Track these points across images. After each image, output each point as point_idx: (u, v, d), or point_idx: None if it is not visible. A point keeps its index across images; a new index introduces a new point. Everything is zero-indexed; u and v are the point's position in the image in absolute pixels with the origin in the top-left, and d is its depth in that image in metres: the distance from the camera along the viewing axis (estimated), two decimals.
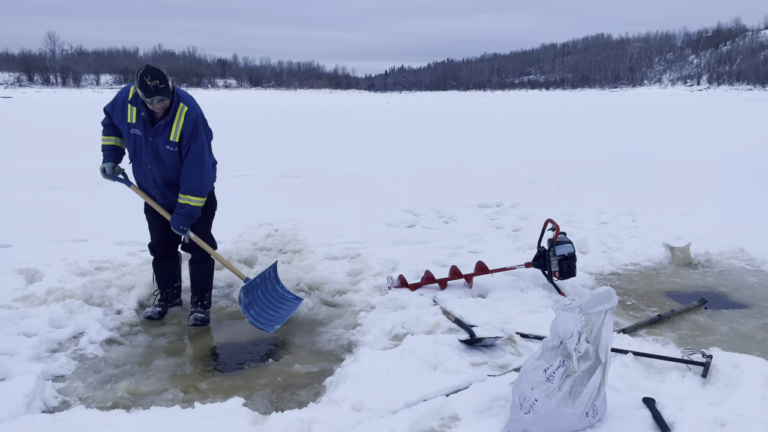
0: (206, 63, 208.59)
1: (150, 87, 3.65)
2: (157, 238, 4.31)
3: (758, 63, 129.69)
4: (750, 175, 10.13)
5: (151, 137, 3.92)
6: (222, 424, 2.76)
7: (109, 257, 5.48)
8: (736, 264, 5.52)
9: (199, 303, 4.33)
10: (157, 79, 3.66)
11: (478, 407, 2.97)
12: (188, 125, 3.90)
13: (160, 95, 3.69)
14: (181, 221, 3.98)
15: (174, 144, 3.92)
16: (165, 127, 3.89)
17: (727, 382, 3.22)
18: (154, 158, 3.96)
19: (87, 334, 3.85)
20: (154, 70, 3.68)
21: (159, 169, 4.00)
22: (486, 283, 4.75)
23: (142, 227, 6.39)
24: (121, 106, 3.96)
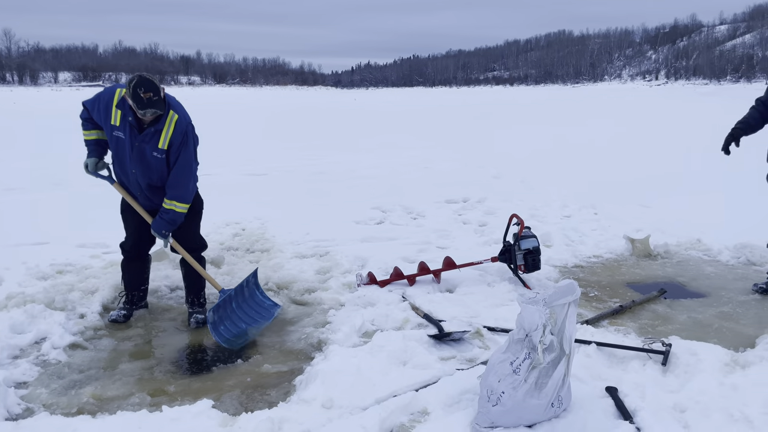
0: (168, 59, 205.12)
1: (144, 99, 3.61)
2: (132, 239, 4.25)
3: (713, 58, 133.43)
4: (704, 168, 10.43)
5: (138, 143, 3.87)
6: (191, 427, 2.74)
7: (71, 260, 5.36)
8: (693, 254, 5.70)
9: (196, 303, 4.32)
10: (150, 91, 3.62)
11: (447, 401, 3.01)
12: (178, 133, 3.87)
13: (153, 108, 3.66)
14: (164, 226, 3.96)
15: (162, 151, 3.89)
16: (154, 135, 3.86)
17: (686, 369, 3.34)
18: (139, 163, 3.93)
19: (50, 339, 3.77)
20: (147, 82, 3.63)
21: (144, 174, 3.97)
22: (454, 278, 4.81)
23: (104, 229, 6.32)
24: (104, 107, 3.89)
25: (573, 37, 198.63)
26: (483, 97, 67.76)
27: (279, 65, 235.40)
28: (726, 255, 5.61)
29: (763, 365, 3.32)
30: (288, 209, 7.54)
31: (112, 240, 5.93)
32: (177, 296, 4.75)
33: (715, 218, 6.65)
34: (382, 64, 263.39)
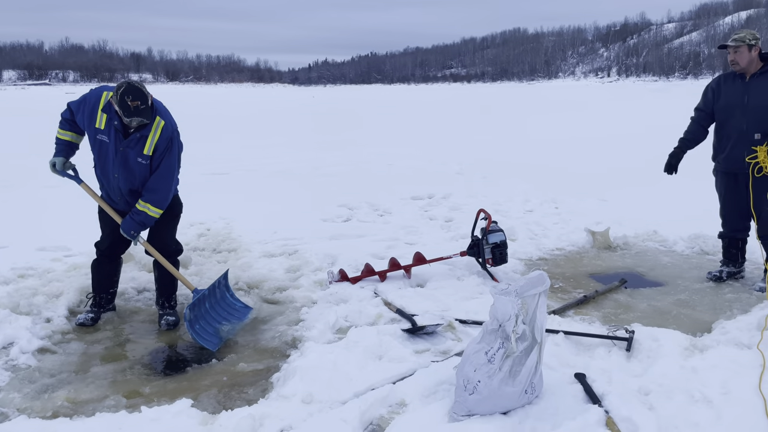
0: (118, 57, 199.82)
1: (131, 108, 3.58)
2: (109, 239, 4.19)
3: (662, 55, 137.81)
4: (655, 162, 10.81)
5: (122, 148, 3.83)
6: (172, 426, 2.74)
7: (32, 264, 5.22)
8: (650, 245, 5.93)
9: (167, 305, 4.28)
10: (138, 100, 3.59)
11: (424, 392, 3.08)
12: (163, 139, 3.86)
13: (140, 117, 3.63)
14: (134, 226, 3.92)
15: (147, 157, 3.87)
16: (139, 140, 3.82)
17: (648, 354, 3.49)
18: (122, 168, 3.89)
19: (17, 344, 3.68)
20: (135, 90, 3.60)
21: (126, 179, 3.93)
22: (424, 273, 4.90)
23: (65, 232, 6.18)
24: (90, 110, 3.83)
25: (528, 34, 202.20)
26: (441, 94, 68.36)
27: (234, 62, 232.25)
28: (681, 245, 5.86)
29: (719, 349, 3.50)
30: (253, 208, 7.50)
31: (73, 243, 5.83)
32: (145, 298, 4.70)
33: (669, 211, 6.93)
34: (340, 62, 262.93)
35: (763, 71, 4.54)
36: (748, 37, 4.51)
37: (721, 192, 4.89)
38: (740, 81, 4.61)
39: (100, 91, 3.88)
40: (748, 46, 4.50)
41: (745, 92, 4.55)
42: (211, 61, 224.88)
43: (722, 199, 4.89)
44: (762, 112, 4.46)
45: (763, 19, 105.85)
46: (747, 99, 4.53)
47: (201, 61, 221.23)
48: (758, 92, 4.51)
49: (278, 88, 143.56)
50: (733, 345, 3.57)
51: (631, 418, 2.83)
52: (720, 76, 4.86)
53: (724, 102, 4.65)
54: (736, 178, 4.68)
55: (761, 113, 4.46)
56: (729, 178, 4.75)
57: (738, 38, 4.54)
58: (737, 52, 4.53)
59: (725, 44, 4.61)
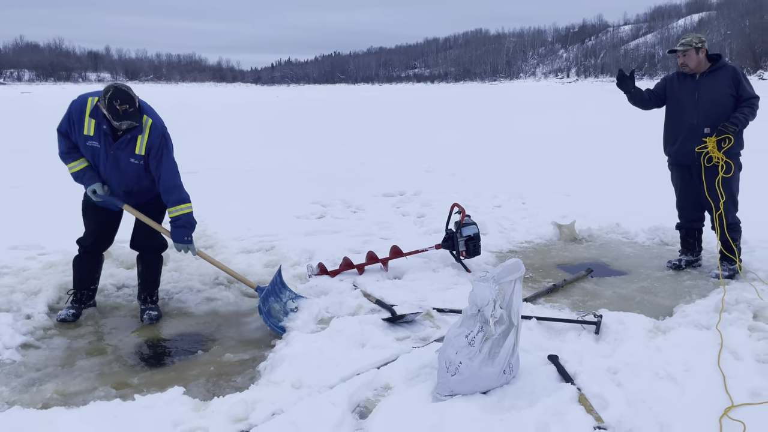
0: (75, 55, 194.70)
1: (119, 112, 3.64)
2: (93, 236, 4.22)
3: (619, 56, 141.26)
4: (614, 158, 11.22)
5: (113, 150, 3.88)
6: (165, 413, 2.81)
7: (6, 263, 5.19)
8: (614, 237, 6.21)
9: (149, 300, 4.33)
10: (126, 103, 3.66)
11: (407, 376, 3.23)
12: (155, 138, 3.93)
13: (129, 120, 3.69)
14: (184, 232, 4.03)
15: (140, 157, 3.93)
16: (130, 141, 3.89)
17: (615, 337, 3.71)
18: (115, 170, 3.95)
19: (0, 340, 3.69)
20: (123, 93, 3.66)
21: (120, 181, 4.00)
22: (400, 266, 5.05)
23: (36, 231, 6.13)
24: (77, 119, 3.87)
25: (489, 35, 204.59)
26: (408, 94, 68.74)
27: (195, 61, 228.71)
28: (642, 237, 6.16)
29: (680, 330, 3.75)
30: (225, 206, 7.52)
31: (47, 241, 5.79)
32: (125, 294, 4.73)
33: (631, 204, 7.24)
34: (303, 61, 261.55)
35: (711, 70, 4.86)
36: (694, 40, 4.82)
37: (676, 184, 5.19)
38: (691, 79, 4.92)
39: (84, 98, 3.91)
40: (695, 49, 4.81)
41: (696, 89, 4.86)
42: (171, 60, 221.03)
43: (677, 192, 5.20)
44: (711, 107, 4.77)
45: (714, 22, 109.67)
46: (698, 96, 4.84)
47: (161, 60, 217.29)
48: (708, 90, 4.82)
49: (241, 87, 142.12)
50: (693, 326, 3.82)
51: (601, 394, 3.02)
52: (676, 72, 5.15)
53: (677, 97, 4.96)
54: (689, 170, 4.98)
55: (711, 109, 4.77)
56: (683, 171, 5.05)
57: (685, 42, 4.84)
58: (686, 55, 4.84)
59: (674, 49, 4.90)
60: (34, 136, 15.61)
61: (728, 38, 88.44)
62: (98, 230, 4.18)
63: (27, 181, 9.47)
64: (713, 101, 4.80)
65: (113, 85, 3.73)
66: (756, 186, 8.06)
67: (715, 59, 4.89)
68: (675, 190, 5.22)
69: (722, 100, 4.80)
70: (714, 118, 4.76)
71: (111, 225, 4.24)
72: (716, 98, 4.80)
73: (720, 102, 4.80)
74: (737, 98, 4.80)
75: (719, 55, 4.93)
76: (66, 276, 4.59)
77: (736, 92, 4.80)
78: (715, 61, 4.89)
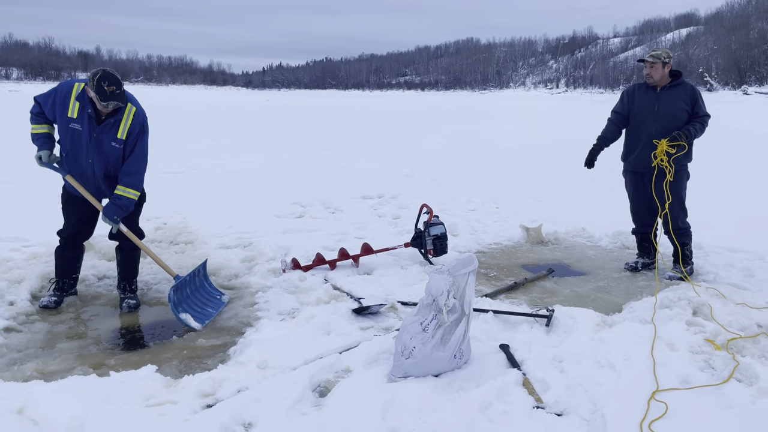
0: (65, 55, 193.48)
1: (107, 92, 3.88)
2: (72, 228, 4.42)
3: (608, 68, 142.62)
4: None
5: (97, 134, 4.12)
6: (138, 388, 3.03)
7: None
8: (578, 241, 6.50)
9: (128, 289, 4.53)
10: (114, 85, 3.91)
11: (366, 360, 3.47)
12: (136, 124, 4.19)
13: (115, 100, 3.94)
14: (117, 211, 4.18)
15: (121, 141, 4.17)
16: (113, 125, 4.13)
17: (565, 329, 3.97)
18: (97, 153, 4.17)
19: None
20: (111, 76, 3.92)
21: (101, 164, 4.21)
22: (371, 263, 5.29)
23: (19, 224, 6.32)
24: (62, 100, 4.09)
25: (480, 45, 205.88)
26: (398, 100, 69.09)
27: (186, 64, 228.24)
28: (605, 241, 6.45)
29: (625, 324, 4.02)
30: (208, 205, 7.74)
31: (31, 234, 5.98)
32: (105, 284, 4.93)
33: (597, 210, 7.55)
34: (294, 66, 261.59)
35: (672, 85, 5.17)
36: (663, 55, 5.13)
37: (629, 191, 5.49)
38: (652, 91, 5.22)
39: (71, 82, 4.16)
40: (662, 63, 5.11)
41: (656, 102, 5.16)
42: (162, 62, 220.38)
43: (630, 198, 5.50)
44: (669, 120, 5.08)
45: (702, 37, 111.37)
46: (657, 108, 5.15)
47: (152, 62, 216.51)
48: (667, 103, 5.13)
49: (231, 90, 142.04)
50: (638, 321, 4.10)
51: (544, 379, 3.29)
52: (635, 84, 5.46)
53: (638, 108, 5.26)
54: (642, 177, 5.28)
55: (668, 121, 5.07)
56: (636, 177, 5.35)
57: (655, 55, 5.14)
58: (653, 67, 5.14)
59: (643, 59, 5.20)
60: (20, 133, 15.70)
61: (714, 53, 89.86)
62: (78, 222, 4.39)
63: (13, 177, 9.63)
64: (671, 114, 5.11)
65: (101, 69, 3.97)
66: (715, 193, 8.45)
67: (675, 75, 5.20)
68: (628, 197, 5.52)
69: (679, 114, 5.12)
70: (670, 130, 5.07)
71: (90, 217, 4.43)
72: (674, 112, 5.12)
73: (676, 116, 5.12)
74: (691, 114, 5.14)
75: (680, 72, 5.25)
76: (48, 266, 4.79)
77: (692, 109, 5.14)
78: (675, 77, 5.20)
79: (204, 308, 4.33)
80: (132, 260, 4.51)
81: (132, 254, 4.53)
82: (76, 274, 4.59)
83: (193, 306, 4.28)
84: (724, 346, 3.62)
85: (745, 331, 3.82)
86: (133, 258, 4.55)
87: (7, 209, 7.31)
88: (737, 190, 9.01)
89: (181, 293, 4.25)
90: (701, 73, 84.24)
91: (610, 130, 5.47)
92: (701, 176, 6.32)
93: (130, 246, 4.48)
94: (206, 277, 4.66)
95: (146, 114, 4.31)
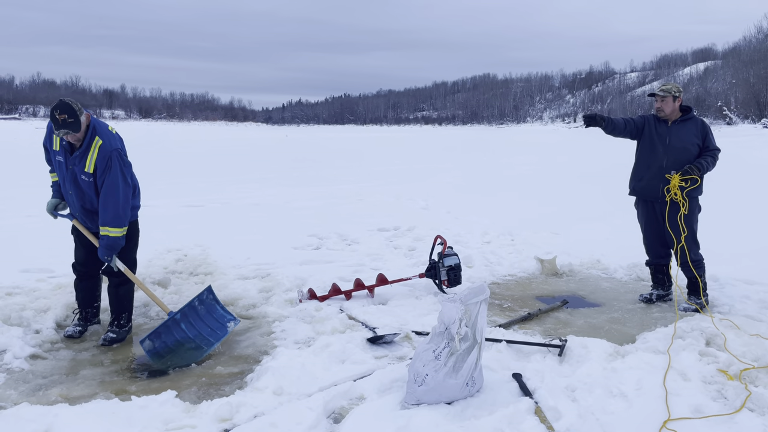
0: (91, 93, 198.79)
1: (58, 120, 3.98)
2: (80, 259, 4.57)
3: (625, 103, 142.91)
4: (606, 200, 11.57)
5: (71, 165, 4.25)
6: (158, 413, 3.13)
7: (18, 284, 5.56)
8: (593, 273, 6.52)
9: (115, 323, 4.58)
10: (65, 113, 3.98)
11: (380, 388, 3.54)
12: (102, 158, 4.19)
13: (66, 129, 4.00)
14: (104, 252, 4.29)
15: (89, 174, 4.23)
16: (81, 157, 4.22)
17: (578, 359, 4.00)
18: (73, 185, 4.30)
19: (10, 351, 4.03)
20: (64, 105, 4.01)
21: (77, 196, 4.34)
22: (386, 293, 5.38)
23: (46, 255, 6.52)
24: (48, 135, 4.32)
25: (497, 80, 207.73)
26: (415, 135, 69.73)
27: (208, 101, 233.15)
28: (620, 273, 6.46)
29: (638, 354, 4.03)
30: (227, 237, 7.92)
31: (57, 265, 6.17)
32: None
33: (612, 243, 7.57)
34: (314, 102, 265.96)
35: (683, 119, 5.26)
36: (673, 89, 5.23)
37: (641, 222, 5.53)
38: (665, 124, 5.32)
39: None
40: (673, 97, 5.22)
41: (668, 134, 5.25)
42: (185, 99, 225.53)
43: (643, 229, 5.54)
44: (679, 152, 5.16)
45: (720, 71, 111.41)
46: (669, 140, 5.23)
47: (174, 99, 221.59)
48: (678, 136, 5.22)
49: (252, 126, 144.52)
50: (651, 351, 4.10)
51: (556, 407, 3.32)
52: (651, 115, 5.52)
53: (649, 137, 5.33)
54: (653, 206, 5.33)
55: (679, 153, 5.16)
56: (647, 207, 5.40)
57: (665, 89, 5.25)
58: (664, 101, 5.24)
59: (654, 93, 5.30)
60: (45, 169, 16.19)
61: (733, 87, 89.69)
62: (83, 255, 4.53)
63: (40, 210, 9.88)
64: (682, 147, 5.19)
65: (60, 98, 4.10)
66: (733, 225, 8.42)
67: (686, 110, 5.29)
68: (641, 228, 5.56)
69: (690, 147, 5.20)
70: (681, 163, 5.15)
71: (93, 247, 4.46)
72: (685, 145, 5.20)
73: (687, 149, 5.20)
74: (702, 148, 5.23)
75: (690, 107, 5.35)
76: (73, 296, 4.93)
77: (702, 143, 5.23)
78: (686, 112, 5.29)
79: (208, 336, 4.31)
80: (116, 295, 4.54)
81: (117, 290, 4.54)
82: (97, 302, 4.72)
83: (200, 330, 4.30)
84: (737, 377, 3.62)
85: (759, 362, 3.82)
86: (118, 294, 4.55)
87: (35, 242, 7.55)
88: (756, 223, 8.97)
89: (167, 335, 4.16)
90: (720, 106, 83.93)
91: (619, 121, 5.37)
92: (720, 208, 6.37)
93: (116, 282, 4.52)
94: (217, 301, 4.63)
95: (119, 147, 4.25)
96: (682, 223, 5.13)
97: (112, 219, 4.23)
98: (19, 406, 3.14)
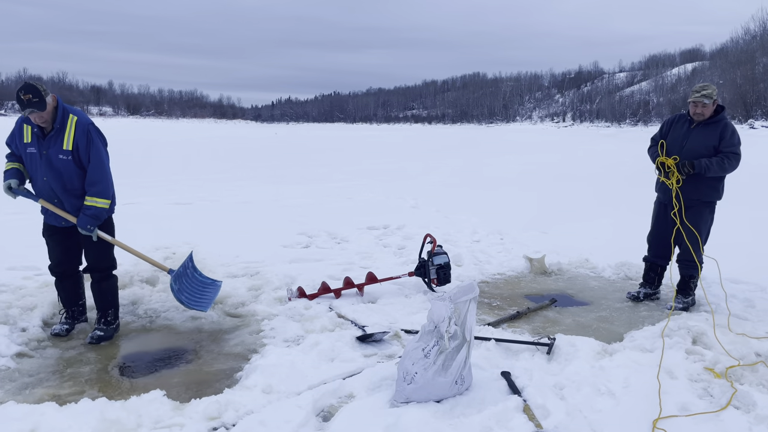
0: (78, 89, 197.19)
1: (23, 100, 3.99)
2: (56, 260, 4.51)
3: (614, 102, 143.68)
4: (595, 199, 11.65)
5: (45, 150, 4.20)
6: (147, 412, 3.11)
7: (4, 281, 5.50)
8: (582, 271, 6.56)
9: (102, 320, 4.55)
10: (30, 93, 3.99)
11: (369, 386, 3.54)
12: (81, 133, 4.19)
13: (31, 107, 4.00)
14: (88, 221, 4.23)
15: (67, 152, 4.19)
16: (56, 137, 4.18)
17: (566, 357, 4.03)
18: (49, 170, 4.22)
19: None
20: (28, 85, 4.03)
21: (55, 179, 4.24)
22: (375, 292, 5.38)
23: (32, 254, 6.45)
24: (18, 130, 4.27)
25: (487, 79, 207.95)
26: (405, 133, 69.76)
27: (196, 98, 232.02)
28: (608, 272, 6.50)
29: (625, 352, 4.07)
30: (216, 235, 7.87)
31: (42, 263, 6.06)
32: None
33: (601, 242, 7.62)
34: (303, 100, 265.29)
35: (707, 122, 5.13)
36: (714, 94, 5.05)
37: (652, 219, 5.57)
38: (687, 125, 5.23)
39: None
40: (713, 101, 5.08)
41: (686, 137, 5.18)
42: (173, 96, 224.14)
43: (651, 225, 5.58)
44: (692, 156, 5.09)
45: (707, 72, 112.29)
46: (685, 143, 5.18)
47: (163, 96, 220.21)
48: (695, 140, 5.13)
49: (240, 124, 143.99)
50: (638, 350, 4.14)
51: (545, 405, 3.34)
52: (677, 115, 5.47)
53: (670, 140, 5.31)
54: (666, 208, 5.34)
55: (691, 157, 5.09)
56: (660, 207, 5.44)
57: (707, 94, 5.03)
58: (705, 106, 5.07)
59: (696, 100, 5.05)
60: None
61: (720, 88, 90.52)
62: (60, 255, 4.48)
63: (25, 208, 9.80)
64: (696, 151, 5.09)
65: (24, 81, 4.10)
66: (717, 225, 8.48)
67: (718, 110, 5.14)
68: (651, 223, 5.60)
69: (703, 151, 5.07)
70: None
71: (67, 245, 4.45)
72: (699, 150, 5.08)
73: (701, 153, 5.07)
74: (718, 150, 5.07)
75: (722, 107, 5.19)
76: None
77: (719, 144, 5.05)
78: (717, 113, 5.14)
79: (202, 294, 4.52)
80: (100, 291, 4.51)
81: (99, 285, 4.52)
82: (81, 300, 4.68)
83: (193, 293, 4.49)
84: (723, 374, 3.66)
85: (744, 360, 3.87)
86: (101, 289, 4.52)
87: (21, 240, 7.46)
88: (742, 223, 9.06)
89: (179, 283, 4.45)
90: None
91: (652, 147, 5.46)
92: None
93: (98, 278, 4.50)
94: (195, 268, 4.84)
95: (91, 121, 4.28)
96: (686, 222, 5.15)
97: (101, 190, 4.26)
98: (5, 404, 3.10)
